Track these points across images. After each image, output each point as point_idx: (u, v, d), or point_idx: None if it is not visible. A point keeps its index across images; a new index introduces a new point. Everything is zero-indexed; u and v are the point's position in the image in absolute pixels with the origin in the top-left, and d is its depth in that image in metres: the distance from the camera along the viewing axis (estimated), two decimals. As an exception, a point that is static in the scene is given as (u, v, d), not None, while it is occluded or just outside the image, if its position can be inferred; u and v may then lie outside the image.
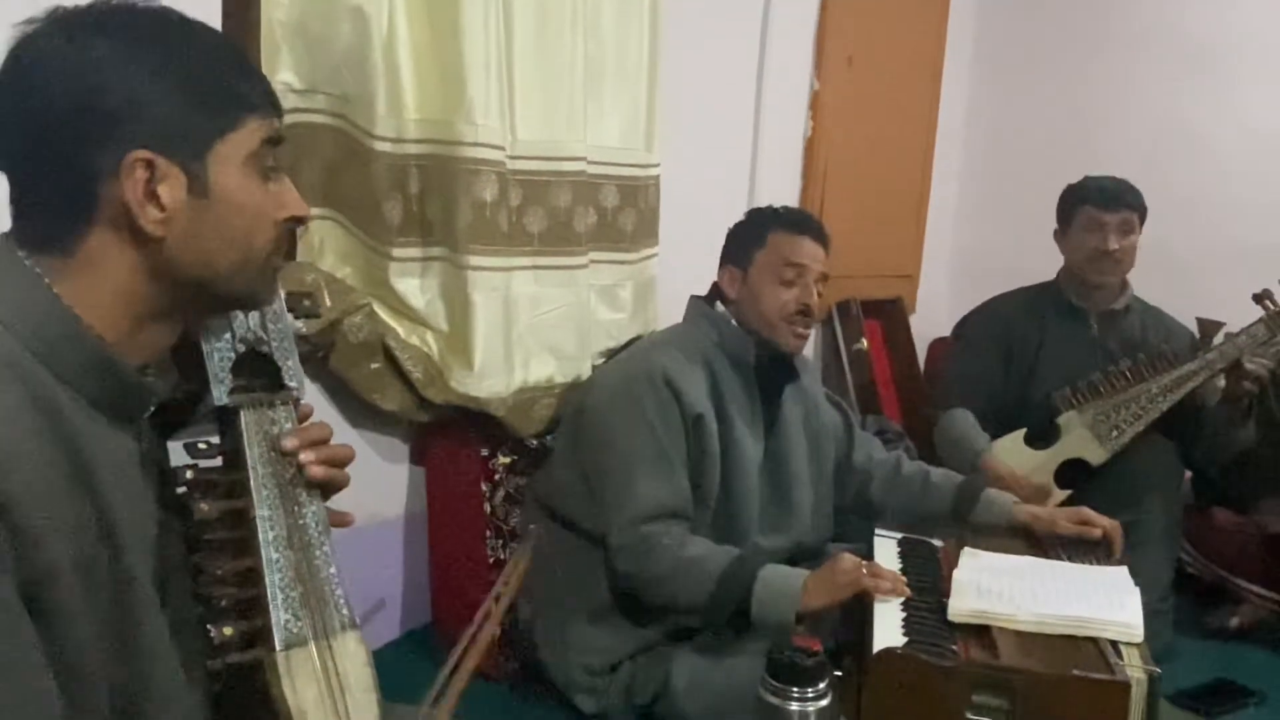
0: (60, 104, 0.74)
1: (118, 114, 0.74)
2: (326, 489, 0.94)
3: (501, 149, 1.75)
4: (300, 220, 0.88)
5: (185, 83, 0.77)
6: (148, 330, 0.81)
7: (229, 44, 0.86)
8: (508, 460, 1.87)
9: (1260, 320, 2.12)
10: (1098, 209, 2.24)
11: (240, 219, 0.81)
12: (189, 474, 0.89)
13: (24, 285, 0.75)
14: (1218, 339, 2.16)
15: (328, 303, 1.64)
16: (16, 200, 0.78)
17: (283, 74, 1.58)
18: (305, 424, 0.94)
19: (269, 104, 0.83)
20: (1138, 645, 1.27)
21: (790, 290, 1.66)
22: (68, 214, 0.76)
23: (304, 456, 0.90)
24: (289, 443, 0.90)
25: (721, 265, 1.75)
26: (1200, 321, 2.25)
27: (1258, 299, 2.14)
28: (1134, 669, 1.21)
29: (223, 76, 0.80)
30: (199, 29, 0.83)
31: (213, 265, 0.81)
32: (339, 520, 0.97)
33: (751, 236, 1.71)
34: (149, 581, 0.81)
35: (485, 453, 1.85)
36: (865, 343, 3.03)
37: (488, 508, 1.85)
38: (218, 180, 0.79)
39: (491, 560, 1.85)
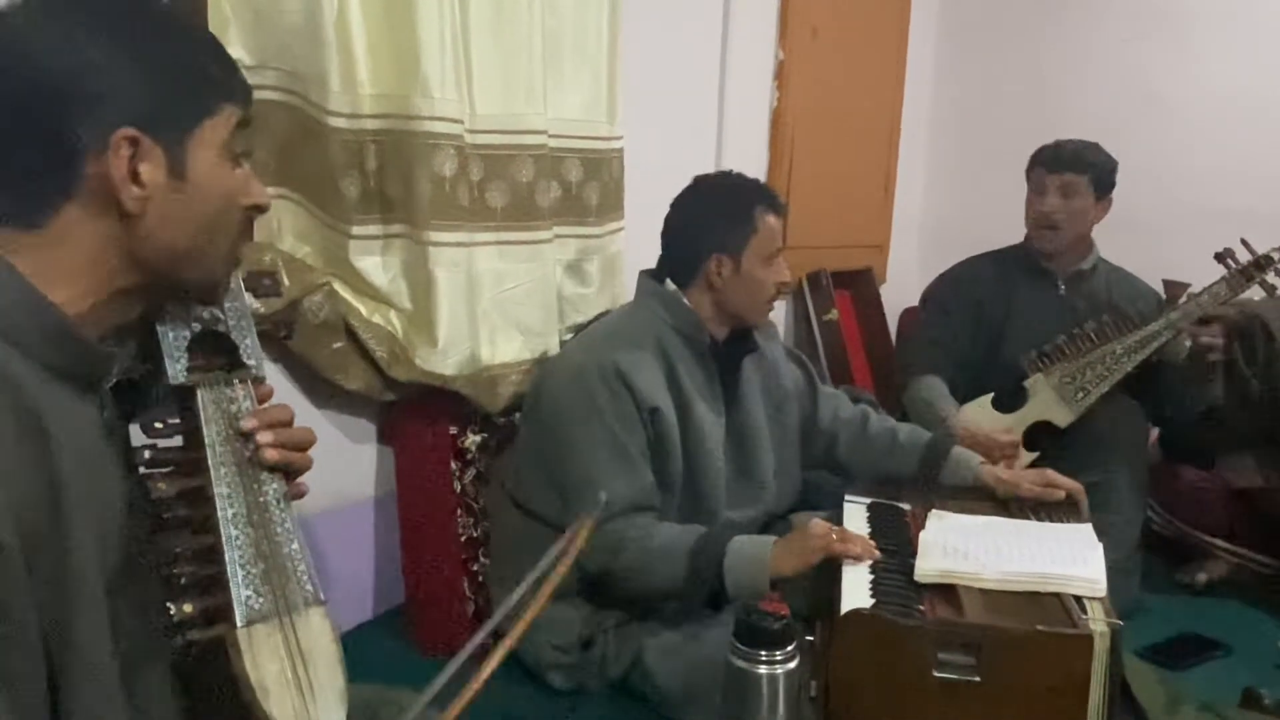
0: (47, 80, 0.76)
1: (105, 93, 0.76)
2: (286, 472, 0.94)
3: (460, 122, 1.73)
4: (261, 209, 0.90)
5: (169, 67, 0.80)
6: (108, 305, 0.82)
7: (208, 32, 0.90)
8: (477, 438, 1.86)
9: (1222, 279, 2.14)
10: (1043, 170, 2.26)
11: (212, 202, 0.83)
12: (147, 453, 0.90)
13: None
14: (1182, 299, 2.19)
15: (286, 283, 1.62)
16: None
17: (232, 49, 1.53)
18: (265, 405, 0.94)
19: (244, 92, 0.86)
20: (1101, 599, 1.29)
21: (774, 271, 1.67)
22: (45, 188, 0.77)
23: (261, 438, 0.90)
24: (247, 423, 0.90)
25: (703, 252, 1.64)
26: (1166, 283, 2.27)
27: (1219, 258, 2.16)
28: (1097, 623, 1.22)
29: (204, 63, 0.83)
30: (180, 16, 0.87)
31: (182, 246, 0.83)
32: (293, 491, 0.96)
33: (739, 222, 1.64)
34: (98, 558, 0.80)
35: (454, 431, 1.84)
36: (836, 313, 3.04)
37: (458, 486, 1.84)
38: (195, 163, 0.82)
39: (463, 538, 1.85)
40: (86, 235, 0.79)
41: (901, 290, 3.24)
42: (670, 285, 1.68)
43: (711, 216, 1.66)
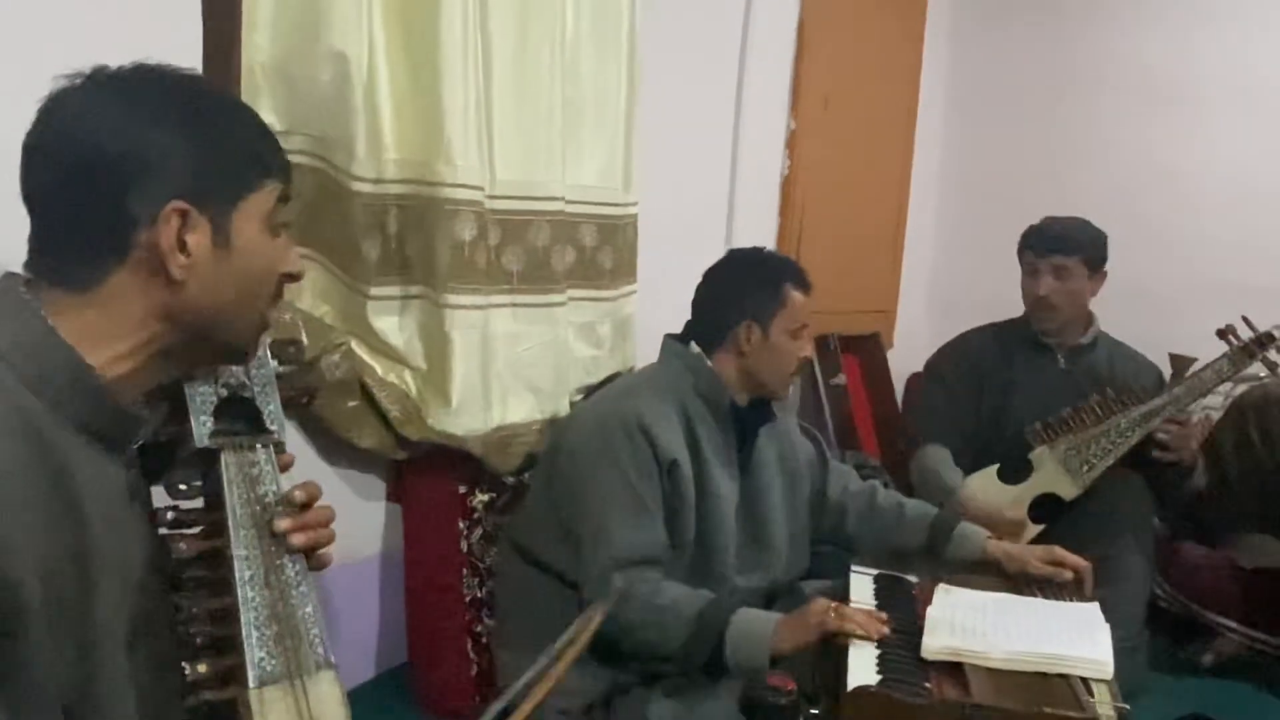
0: (104, 155, 0.80)
1: (157, 167, 0.81)
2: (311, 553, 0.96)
3: (480, 189, 1.77)
4: (295, 277, 0.94)
5: (218, 145, 0.84)
6: (146, 368, 0.85)
7: (251, 111, 0.93)
8: (485, 498, 1.87)
9: (1224, 355, 2.16)
10: (1033, 254, 2.30)
11: (253, 271, 0.88)
12: (169, 514, 0.92)
13: (21, 318, 0.79)
14: (1187, 374, 2.20)
15: (305, 342, 1.64)
16: (40, 237, 0.83)
17: (263, 115, 1.58)
18: (300, 494, 0.95)
19: (285, 167, 0.91)
20: (1108, 682, 1.28)
21: (799, 345, 1.71)
22: (97, 254, 0.81)
23: (280, 525, 0.92)
24: (280, 524, 0.92)
25: (734, 318, 1.68)
26: (1172, 357, 2.28)
27: (1222, 334, 2.18)
28: (1103, 706, 1.22)
29: (250, 141, 0.88)
30: (227, 96, 0.93)
31: (223, 312, 0.87)
32: (316, 564, 0.98)
33: (771, 293, 1.69)
34: (120, 616, 0.82)
35: (463, 490, 1.85)
36: (843, 378, 3.06)
37: (464, 545, 1.85)
38: (239, 234, 0.86)
39: (468, 598, 1.85)
40: (132, 300, 0.83)
41: (908, 356, 3.26)
42: (695, 348, 1.71)
43: (746, 285, 1.72)
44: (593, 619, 1.11)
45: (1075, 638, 1.37)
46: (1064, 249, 2.26)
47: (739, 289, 1.71)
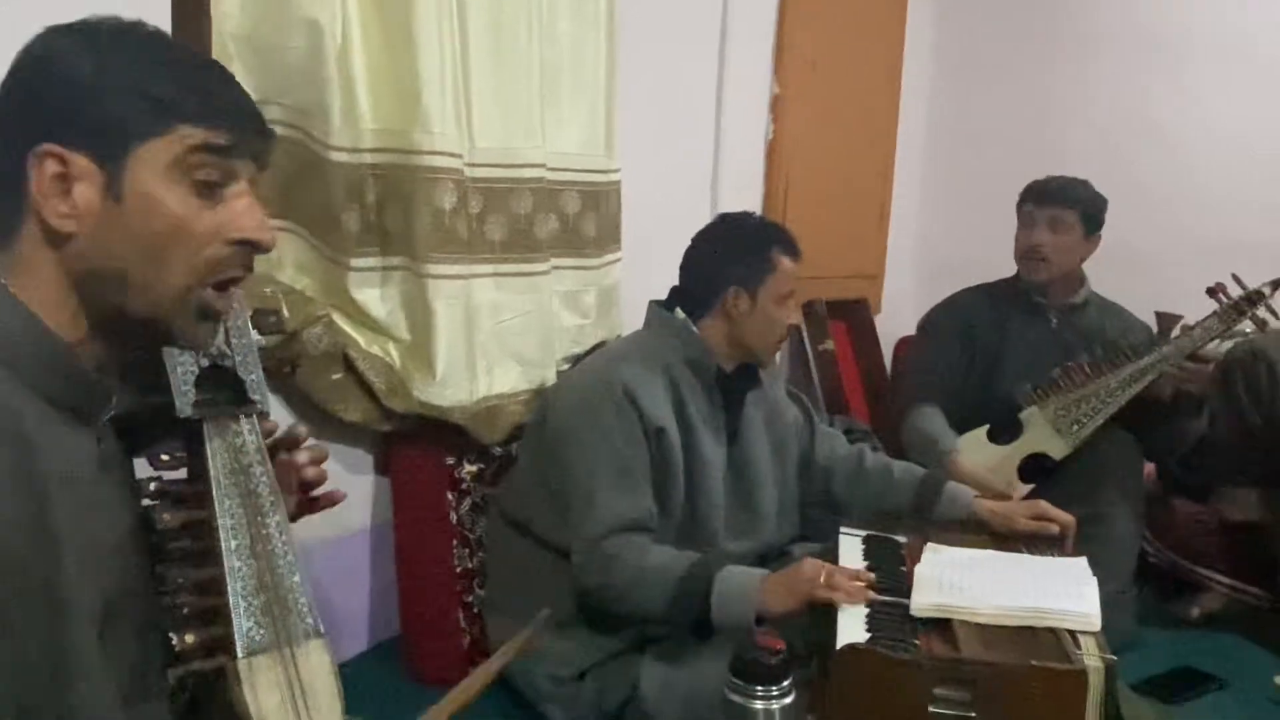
0: (10, 98, 0.76)
1: (53, 109, 0.76)
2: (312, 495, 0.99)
3: (459, 157, 1.75)
4: (252, 244, 0.83)
5: (122, 84, 0.77)
6: (95, 336, 0.81)
7: (176, 47, 0.84)
8: (473, 469, 1.87)
9: (1214, 313, 2.16)
10: (1032, 204, 2.30)
11: (154, 228, 0.77)
12: (152, 485, 0.91)
13: None
14: (1175, 332, 2.21)
15: (287, 316, 1.63)
16: None
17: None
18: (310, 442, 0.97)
19: (213, 115, 0.79)
20: (1095, 634, 1.29)
21: (786, 312, 1.71)
22: (6, 208, 0.77)
23: (301, 458, 0.95)
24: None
25: (722, 284, 1.67)
26: (1159, 315, 2.29)
27: (1211, 293, 2.18)
28: (1091, 658, 1.23)
29: (157, 82, 0.77)
30: (165, 40, 0.84)
31: (124, 274, 0.78)
32: (330, 499, 1.06)
33: (759, 260, 1.68)
34: (91, 590, 0.80)
35: (450, 462, 1.85)
36: (831, 343, 3.06)
37: (454, 517, 1.84)
38: (134, 184, 0.77)
39: (459, 569, 1.85)
40: (40, 258, 0.77)
41: (896, 320, 3.26)
42: (680, 314, 1.70)
43: (734, 251, 1.71)
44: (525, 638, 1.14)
45: (1062, 592, 1.38)
46: (1063, 201, 2.26)
47: (728, 255, 1.70)
